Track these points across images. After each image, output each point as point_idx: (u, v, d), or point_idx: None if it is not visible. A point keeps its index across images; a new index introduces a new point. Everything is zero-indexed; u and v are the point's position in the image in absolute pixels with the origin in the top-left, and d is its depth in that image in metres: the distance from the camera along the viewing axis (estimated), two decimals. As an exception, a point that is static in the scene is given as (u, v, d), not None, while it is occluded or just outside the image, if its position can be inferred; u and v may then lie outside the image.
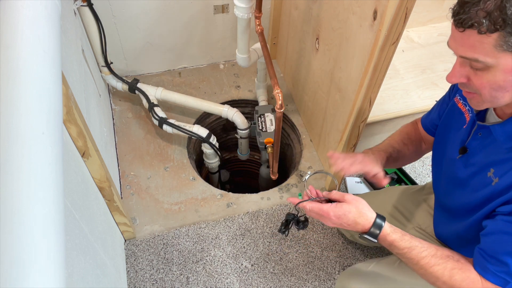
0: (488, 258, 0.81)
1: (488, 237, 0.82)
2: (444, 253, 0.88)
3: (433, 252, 0.87)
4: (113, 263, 1.23)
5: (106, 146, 1.48)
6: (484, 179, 0.84)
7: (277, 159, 1.51)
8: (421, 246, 0.88)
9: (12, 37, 0.60)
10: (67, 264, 0.63)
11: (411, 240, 0.89)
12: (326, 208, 0.89)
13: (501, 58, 0.69)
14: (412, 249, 0.88)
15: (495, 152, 0.82)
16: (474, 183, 0.87)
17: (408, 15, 0.98)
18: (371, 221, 0.89)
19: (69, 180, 0.87)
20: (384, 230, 0.88)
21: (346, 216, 0.88)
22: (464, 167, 0.91)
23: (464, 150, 0.91)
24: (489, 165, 0.83)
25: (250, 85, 1.97)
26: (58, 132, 0.60)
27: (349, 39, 1.22)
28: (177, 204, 1.59)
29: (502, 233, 0.78)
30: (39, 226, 0.49)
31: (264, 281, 1.42)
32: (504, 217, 0.78)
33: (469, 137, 0.90)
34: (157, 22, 1.76)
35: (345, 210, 0.88)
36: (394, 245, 0.89)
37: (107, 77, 1.71)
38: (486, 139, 0.85)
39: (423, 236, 1.13)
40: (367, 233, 0.89)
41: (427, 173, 1.75)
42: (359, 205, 0.90)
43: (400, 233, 0.90)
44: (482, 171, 0.85)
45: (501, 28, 0.66)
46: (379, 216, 0.90)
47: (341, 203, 0.90)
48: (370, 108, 1.25)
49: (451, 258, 0.87)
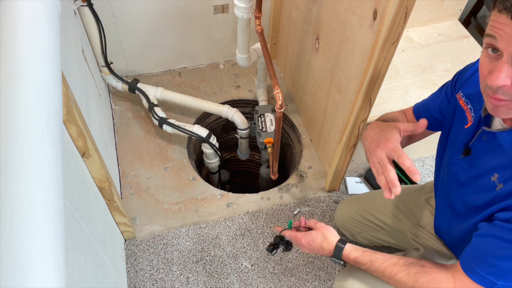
0: (477, 259, 0.81)
1: (480, 238, 0.82)
2: (407, 260, 0.92)
3: (395, 261, 0.93)
4: (113, 263, 1.23)
5: (106, 146, 1.48)
6: (488, 183, 0.83)
7: (277, 159, 1.51)
8: (382, 258, 0.94)
9: (12, 37, 0.60)
10: (67, 264, 0.63)
11: (372, 255, 0.96)
12: (299, 235, 1.03)
13: None
14: (374, 262, 0.94)
15: (500, 157, 0.81)
16: (477, 185, 0.86)
17: (408, 15, 0.98)
18: (334, 245, 0.99)
19: (69, 180, 0.87)
20: (345, 250, 0.98)
21: (314, 242, 1.00)
22: (468, 167, 0.90)
23: (468, 151, 0.89)
24: (493, 169, 0.82)
25: (250, 85, 1.97)
26: (58, 132, 0.60)
27: (349, 39, 1.22)
28: (177, 204, 1.59)
29: (496, 237, 0.78)
30: (39, 226, 0.49)
31: (264, 281, 1.42)
32: (501, 223, 0.78)
33: (473, 139, 0.88)
34: (157, 22, 1.76)
35: (313, 236, 1.01)
36: (357, 261, 0.97)
37: (107, 77, 1.71)
38: (491, 143, 0.83)
39: (423, 234, 1.14)
40: (332, 256, 1.00)
41: (427, 173, 1.75)
42: (324, 231, 1.01)
43: (362, 250, 0.98)
44: (486, 174, 0.84)
45: None
46: (340, 240, 1.00)
47: (310, 231, 1.03)
48: (370, 108, 1.25)
49: (415, 264, 0.91)
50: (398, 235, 1.25)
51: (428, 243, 1.10)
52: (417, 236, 1.15)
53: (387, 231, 1.28)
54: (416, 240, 1.15)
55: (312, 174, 1.71)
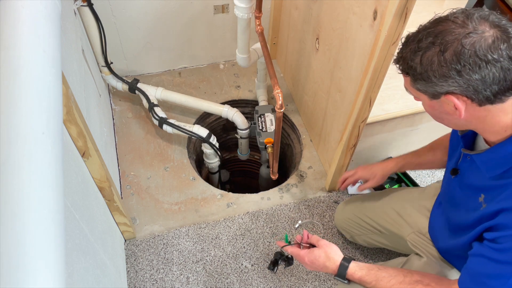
0: (472, 277, 0.83)
1: (473, 258, 0.84)
2: (413, 278, 0.93)
3: (400, 279, 0.93)
4: (113, 263, 1.23)
5: (106, 146, 1.48)
6: (475, 203, 0.86)
7: (277, 159, 1.51)
8: (388, 276, 0.95)
9: (12, 37, 0.60)
10: (67, 264, 0.63)
11: (377, 273, 0.96)
12: (302, 253, 1.04)
13: (420, 95, 0.80)
14: (379, 281, 0.95)
15: (482, 179, 0.84)
16: (467, 204, 0.90)
17: (408, 15, 0.98)
18: (337, 264, 0.99)
19: (69, 180, 0.87)
20: (349, 270, 0.98)
21: (317, 261, 1.01)
22: (459, 187, 0.93)
23: (455, 171, 0.94)
24: (479, 189, 0.85)
25: (250, 85, 1.97)
26: (58, 132, 0.60)
27: (349, 39, 1.22)
28: (177, 204, 1.59)
29: (485, 257, 0.80)
30: (39, 226, 0.49)
31: (264, 281, 1.42)
32: (488, 243, 0.80)
33: (460, 159, 0.93)
34: (157, 22, 1.76)
35: (316, 255, 1.01)
36: (362, 280, 0.98)
37: (107, 77, 1.71)
38: (472, 164, 0.87)
39: (424, 241, 1.13)
40: (336, 275, 1.00)
41: (427, 173, 1.75)
42: (327, 249, 1.01)
43: (366, 269, 0.98)
44: (474, 194, 0.87)
45: (408, 74, 0.78)
46: (345, 259, 1.00)
47: (313, 249, 1.03)
48: (370, 108, 1.25)
49: (419, 283, 0.91)
50: (397, 240, 1.25)
51: (429, 251, 1.11)
52: (418, 244, 1.15)
53: (386, 235, 1.28)
54: (416, 247, 1.15)
55: (312, 174, 1.71)
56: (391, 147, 1.66)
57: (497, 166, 0.79)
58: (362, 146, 1.57)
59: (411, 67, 0.75)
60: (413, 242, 1.16)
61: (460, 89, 0.72)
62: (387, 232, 1.27)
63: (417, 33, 0.75)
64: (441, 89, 0.74)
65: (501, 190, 0.78)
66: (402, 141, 1.63)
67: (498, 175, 0.79)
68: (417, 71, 0.75)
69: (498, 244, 0.78)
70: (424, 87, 0.76)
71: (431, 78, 0.73)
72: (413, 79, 0.77)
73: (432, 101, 0.79)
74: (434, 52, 0.71)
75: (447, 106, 0.77)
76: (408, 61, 0.76)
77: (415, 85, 0.78)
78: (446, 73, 0.71)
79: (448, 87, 0.73)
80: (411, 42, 0.76)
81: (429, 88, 0.75)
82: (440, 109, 0.79)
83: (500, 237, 0.77)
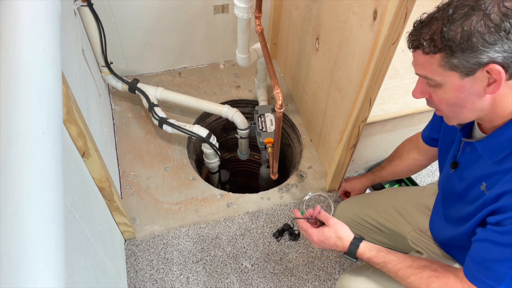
0: (476, 264, 0.83)
1: (477, 244, 0.84)
2: (420, 263, 0.93)
3: (408, 263, 0.94)
4: (113, 263, 1.23)
5: (106, 146, 1.48)
6: (478, 193, 0.85)
7: (277, 159, 1.51)
8: (396, 259, 0.95)
9: (12, 37, 0.60)
10: (67, 264, 0.63)
11: (386, 255, 0.97)
12: (311, 232, 1.03)
13: (447, 76, 0.74)
14: (387, 263, 0.96)
15: (484, 166, 0.84)
16: (470, 196, 0.89)
17: (408, 15, 0.98)
18: (348, 244, 1.00)
19: (69, 180, 0.87)
20: (359, 249, 0.99)
21: (328, 240, 1.01)
22: (459, 181, 0.93)
23: (456, 164, 0.94)
24: (480, 179, 0.85)
25: (250, 85, 1.97)
26: (58, 132, 0.60)
27: (349, 39, 1.22)
28: (177, 204, 1.59)
29: (489, 242, 0.80)
30: (39, 226, 0.49)
31: (264, 281, 1.42)
32: (492, 226, 0.80)
33: (459, 152, 0.93)
34: (157, 22, 1.76)
35: (326, 235, 1.01)
36: (371, 261, 0.99)
37: (107, 77, 1.71)
38: (474, 153, 0.87)
39: (424, 239, 1.14)
40: (345, 253, 1.01)
41: (427, 173, 1.75)
42: (338, 229, 1.02)
43: (376, 250, 0.99)
44: (475, 185, 0.86)
45: (441, 50, 0.72)
46: (356, 238, 1.01)
47: (323, 229, 1.02)
48: (370, 108, 1.25)
49: (427, 268, 0.92)
50: (397, 239, 1.25)
51: (430, 248, 1.11)
52: (418, 241, 1.15)
53: (386, 234, 1.28)
54: (417, 244, 1.15)
55: (312, 174, 1.71)
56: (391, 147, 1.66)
57: (499, 151, 0.79)
58: (362, 146, 1.57)
59: (449, 39, 0.69)
60: (414, 240, 1.16)
61: (503, 57, 0.68)
62: (387, 231, 1.27)
63: (444, 7, 0.72)
64: (485, 58, 0.69)
65: (503, 174, 0.78)
66: (402, 141, 1.63)
67: (499, 160, 0.79)
68: (457, 41, 0.69)
69: (502, 226, 0.77)
70: (463, 60, 0.70)
71: (476, 46, 0.68)
72: (449, 54, 0.71)
73: (463, 81, 0.73)
74: (478, 16, 0.67)
75: (480, 84, 0.72)
76: (444, 34, 0.69)
77: (451, 61, 0.71)
78: (495, 37, 0.67)
79: (494, 53, 0.68)
80: (438, 18, 0.72)
81: (471, 59, 0.69)
82: (469, 90, 0.74)
83: (504, 220, 0.76)
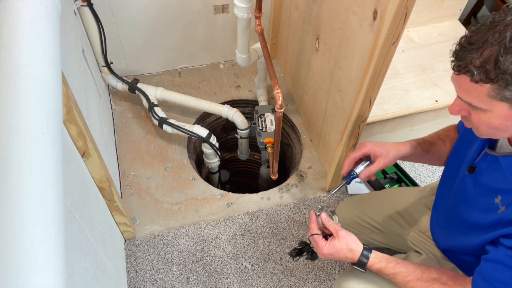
0: (487, 282, 0.83)
1: (489, 263, 0.83)
2: (430, 275, 0.92)
3: (418, 275, 0.93)
4: (113, 263, 1.23)
5: (106, 146, 1.48)
6: (491, 204, 0.84)
7: (277, 159, 1.51)
8: (406, 271, 0.94)
9: (12, 37, 0.60)
10: (67, 264, 0.63)
11: (395, 267, 0.95)
12: (322, 245, 1.00)
13: (495, 105, 0.70)
14: (397, 275, 0.95)
15: (502, 180, 0.82)
16: (481, 203, 0.88)
17: (408, 15, 0.98)
18: (358, 255, 0.98)
19: (69, 180, 0.87)
20: (370, 261, 0.97)
21: (338, 253, 0.98)
22: (474, 185, 0.91)
23: (473, 168, 0.91)
24: (497, 191, 0.83)
25: (250, 85, 1.97)
26: (58, 132, 0.60)
27: (349, 39, 1.22)
28: (177, 204, 1.59)
29: (500, 263, 0.80)
30: (39, 226, 0.50)
31: (264, 281, 1.42)
32: (504, 249, 0.79)
33: (479, 157, 0.90)
34: (157, 22, 1.76)
35: (337, 248, 0.98)
36: (381, 272, 0.97)
37: (107, 77, 1.71)
38: (494, 164, 0.85)
39: (423, 239, 1.13)
40: (355, 265, 0.99)
41: (427, 173, 1.75)
42: (349, 241, 0.99)
43: (385, 261, 0.97)
44: (490, 194, 0.85)
45: (493, 81, 0.66)
46: (365, 249, 0.99)
47: (333, 242, 0.99)
48: (370, 108, 1.25)
49: (437, 281, 0.90)
50: (397, 239, 1.25)
51: (429, 249, 1.10)
52: (417, 242, 1.14)
53: (386, 235, 1.28)
54: (416, 245, 1.15)
55: (312, 174, 1.71)
56: (391, 147, 1.66)
57: None
58: (362, 146, 1.57)
59: (505, 71, 0.65)
60: (413, 240, 1.16)
61: None
62: (387, 231, 1.27)
63: (501, 30, 0.66)
64: None
65: None
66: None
67: None
68: None
69: None
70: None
71: None
72: (503, 86, 0.67)
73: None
74: None
75: None
76: (499, 64, 0.65)
77: (503, 93, 0.67)
78: None
79: None
80: (493, 43, 0.66)
81: None
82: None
83: None
